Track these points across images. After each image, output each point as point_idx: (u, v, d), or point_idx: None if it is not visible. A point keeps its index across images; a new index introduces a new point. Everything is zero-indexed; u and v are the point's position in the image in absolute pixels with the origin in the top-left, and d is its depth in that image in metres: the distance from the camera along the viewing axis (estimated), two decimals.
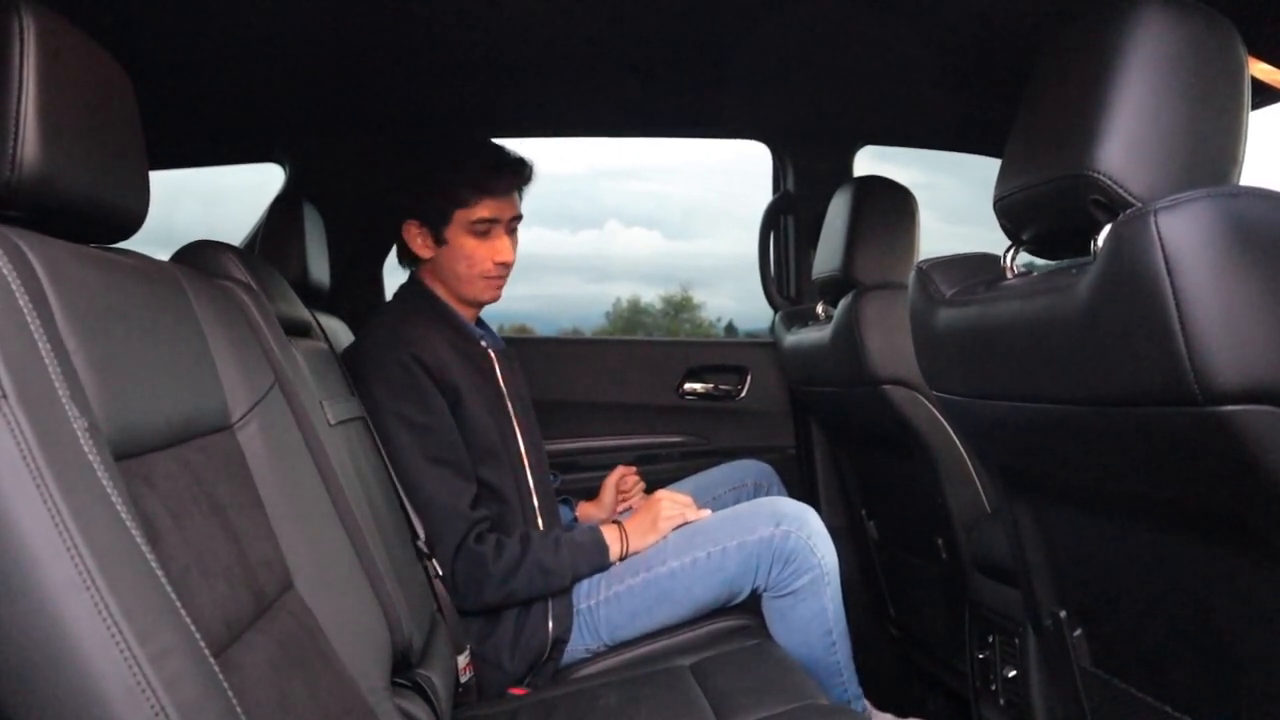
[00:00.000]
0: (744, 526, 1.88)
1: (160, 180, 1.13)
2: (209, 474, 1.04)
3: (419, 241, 1.96)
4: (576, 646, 1.88)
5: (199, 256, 1.44)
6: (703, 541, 1.88)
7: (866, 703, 2.03)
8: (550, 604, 1.85)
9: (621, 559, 1.92)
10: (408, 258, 2.03)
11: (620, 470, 2.28)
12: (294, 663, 1.06)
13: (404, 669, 1.47)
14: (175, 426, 1.00)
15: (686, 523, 1.93)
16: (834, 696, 1.92)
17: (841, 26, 1.91)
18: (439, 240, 1.94)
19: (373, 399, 1.80)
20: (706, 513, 1.95)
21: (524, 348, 2.27)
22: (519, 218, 2.00)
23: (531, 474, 1.96)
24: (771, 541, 1.85)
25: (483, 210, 1.92)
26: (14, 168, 0.86)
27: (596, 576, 1.90)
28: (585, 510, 2.26)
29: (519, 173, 1.97)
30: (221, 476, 1.08)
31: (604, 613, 1.88)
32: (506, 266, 1.97)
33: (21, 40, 0.87)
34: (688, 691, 1.64)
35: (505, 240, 1.96)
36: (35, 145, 0.87)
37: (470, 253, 1.94)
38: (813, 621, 1.88)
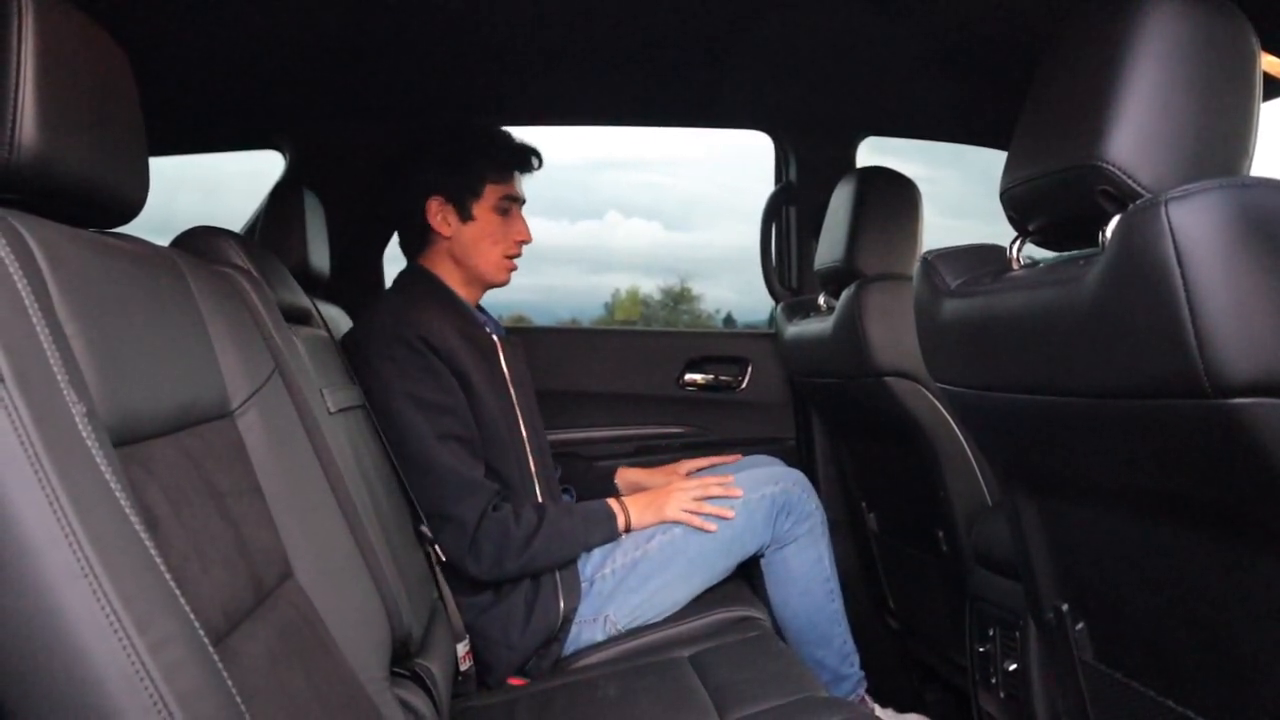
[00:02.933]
0: (747, 487, 1.98)
1: (160, 168, 1.12)
2: (208, 461, 1.03)
3: (440, 218, 1.99)
4: (585, 618, 1.88)
5: (199, 242, 1.44)
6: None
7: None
8: (559, 576, 1.86)
9: (626, 531, 1.94)
10: (416, 242, 2.04)
11: (688, 466, 2.27)
12: (293, 652, 1.05)
13: (403, 659, 1.47)
14: (174, 413, 0.99)
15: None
16: (836, 647, 2.05)
17: (845, 17, 1.91)
18: (465, 216, 1.99)
19: (380, 381, 1.80)
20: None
21: (523, 337, 2.27)
22: (524, 202, 2.07)
23: (533, 459, 1.97)
24: (775, 498, 1.98)
25: (509, 187, 2.01)
26: (12, 150, 0.85)
27: (609, 547, 1.93)
28: (627, 475, 2.28)
29: (535, 156, 2.05)
30: (221, 464, 1.07)
31: (619, 580, 1.90)
32: (523, 245, 2.04)
33: (20, 19, 0.86)
34: (687, 683, 1.64)
35: (523, 220, 2.04)
36: (34, 127, 0.85)
37: (495, 230, 2.00)
38: (813, 568, 2.02)
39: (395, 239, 2.59)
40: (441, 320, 1.88)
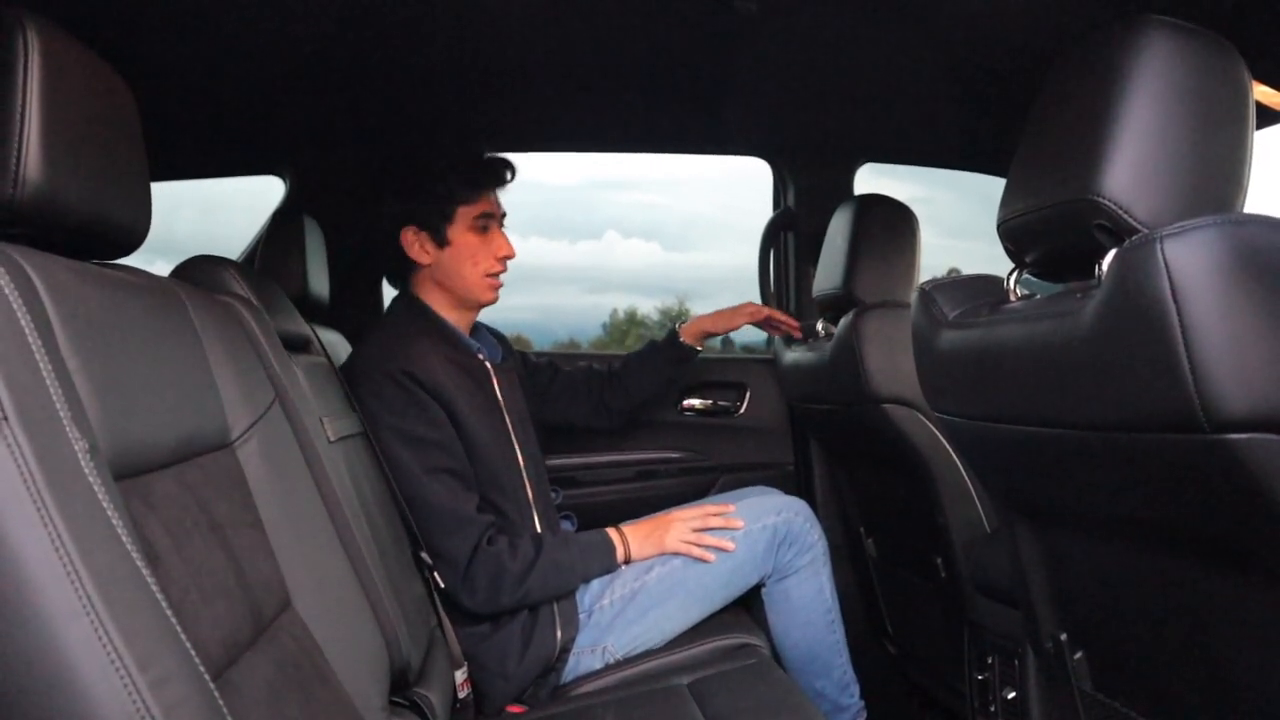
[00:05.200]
0: (748, 517, 1.96)
1: (158, 189, 1.13)
2: (208, 493, 1.04)
3: (417, 247, 1.96)
4: (583, 649, 1.87)
5: (200, 271, 1.44)
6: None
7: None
8: (556, 608, 1.85)
9: (625, 563, 1.93)
10: (400, 273, 2.02)
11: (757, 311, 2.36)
12: (292, 684, 1.05)
13: (402, 688, 1.46)
14: (175, 445, 1.00)
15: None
16: (836, 677, 2.03)
17: (843, 44, 1.92)
18: (441, 242, 1.96)
19: (370, 416, 1.79)
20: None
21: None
22: (504, 216, 2.03)
23: (530, 487, 1.96)
24: (775, 528, 1.96)
25: (483, 205, 1.97)
26: (16, 185, 0.85)
27: (608, 577, 1.92)
28: (699, 324, 2.35)
29: (507, 169, 2.01)
30: (221, 495, 1.07)
31: (617, 612, 1.89)
32: (507, 261, 2.00)
33: (25, 56, 0.86)
34: (686, 711, 1.63)
35: (503, 236, 2.00)
36: (38, 162, 0.86)
37: (474, 250, 1.96)
38: (814, 600, 2.00)
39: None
40: (430, 352, 1.88)
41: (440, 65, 2.00)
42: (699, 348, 2.36)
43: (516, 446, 1.97)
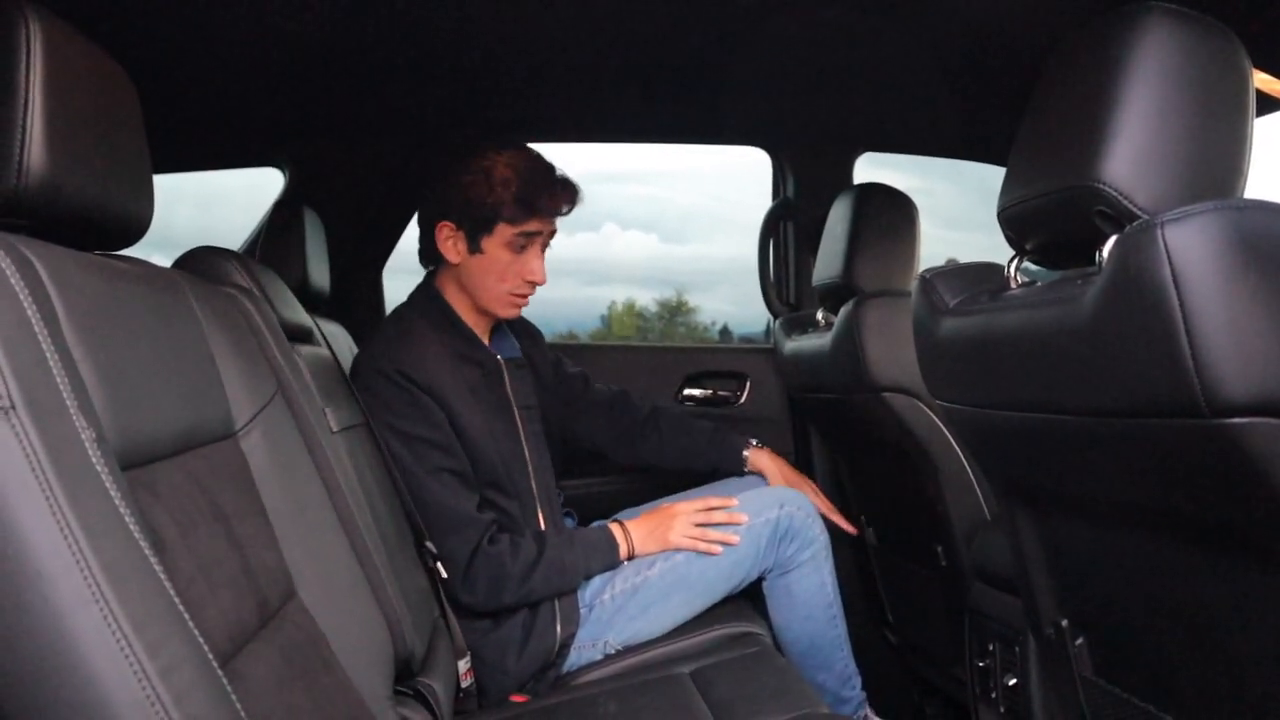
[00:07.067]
0: (750, 511, 1.95)
1: (156, 183, 1.13)
2: (213, 483, 1.04)
3: (450, 244, 1.90)
4: (584, 643, 1.87)
5: (202, 262, 1.45)
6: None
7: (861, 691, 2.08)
8: (557, 604, 1.84)
9: (628, 558, 1.92)
10: (430, 258, 1.97)
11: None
12: (298, 672, 1.05)
13: (406, 676, 1.47)
14: (180, 435, 1.00)
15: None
16: (837, 671, 2.01)
17: (842, 34, 1.91)
18: (473, 248, 1.89)
19: (370, 413, 1.78)
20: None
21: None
22: (554, 234, 1.96)
23: (535, 482, 1.95)
24: (778, 522, 1.94)
25: (528, 226, 1.88)
26: (20, 175, 0.85)
27: (610, 573, 1.91)
28: (759, 461, 2.21)
29: (571, 199, 1.93)
30: (225, 485, 1.07)
31: (618, 606, 1.88)
32: (535, 285, 1.94)
33: (28, 47, 0.87)
34: (688, 699, 1.64)
35: (540, 258, 1.92)
36: (41, 153, 0.86)
37: (503, 267, 1.89)
38: (815, 594, 1.98)
39: (393, 256, 2.62)
40: (435, 351, 1.86)
41: (439, 56, 1.99)
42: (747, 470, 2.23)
43: (524, 442, 1.96)
